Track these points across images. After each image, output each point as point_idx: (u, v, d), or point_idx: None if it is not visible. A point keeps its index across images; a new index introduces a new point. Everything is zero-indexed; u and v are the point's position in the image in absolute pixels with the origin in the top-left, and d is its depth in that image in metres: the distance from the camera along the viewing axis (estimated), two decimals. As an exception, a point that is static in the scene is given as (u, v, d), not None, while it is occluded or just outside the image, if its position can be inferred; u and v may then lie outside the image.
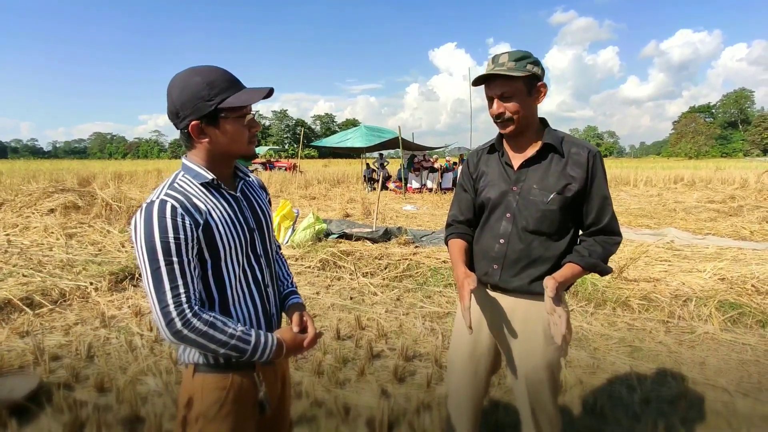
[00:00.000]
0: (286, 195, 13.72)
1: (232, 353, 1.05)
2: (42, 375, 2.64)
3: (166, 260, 0.98)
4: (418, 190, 15.61)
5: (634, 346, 3.17)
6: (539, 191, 1.44)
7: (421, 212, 10.59)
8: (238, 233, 1.11)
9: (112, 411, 2.31)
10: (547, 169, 1.45)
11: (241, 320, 1.14)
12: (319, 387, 2.59)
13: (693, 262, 4.98)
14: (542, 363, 1.48)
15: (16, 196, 9.44)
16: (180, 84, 1.05)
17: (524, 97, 1.40)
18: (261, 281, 1.19)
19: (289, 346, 1.15)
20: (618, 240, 1.47)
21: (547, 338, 1.47)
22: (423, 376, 2.70)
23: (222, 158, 1.12)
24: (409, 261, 5.08)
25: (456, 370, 1.65)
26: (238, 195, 1.18)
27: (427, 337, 3.31)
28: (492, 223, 1.53)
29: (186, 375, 1.13)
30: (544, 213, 1.43)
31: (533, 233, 1.46)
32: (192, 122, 1.05)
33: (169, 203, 1.00)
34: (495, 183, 1.52)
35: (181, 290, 0.99)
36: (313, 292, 4.34)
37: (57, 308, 3.76)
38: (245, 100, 1.05)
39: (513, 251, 1.48)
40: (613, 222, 1.46)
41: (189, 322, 0.99)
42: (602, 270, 1.44)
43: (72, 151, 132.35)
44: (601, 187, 1.43)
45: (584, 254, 1.43)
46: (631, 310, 3.73)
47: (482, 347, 1.59)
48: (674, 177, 17.58)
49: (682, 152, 71.51)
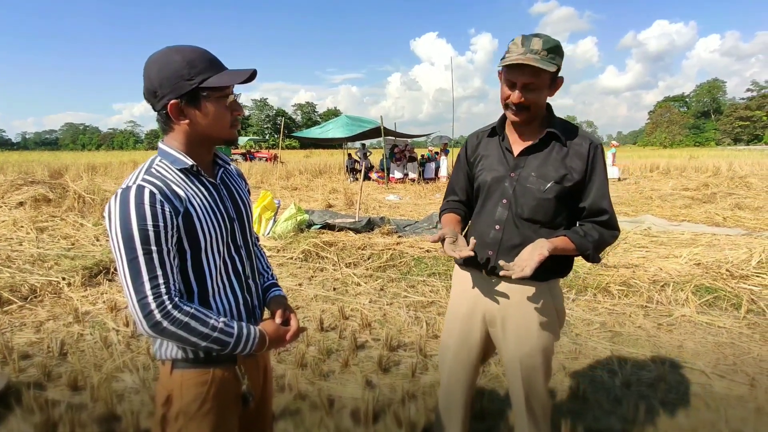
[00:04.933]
0: (267, 186, 13.53)
1: (213, 346, 1.00)
2: (11, 374, 2.52)
3: (144, 249, 0.92)
4: (400, 180, 15.58)
5: (614, 331, 3.22)
6: (536, 179, 1.41)
7: (404, 202, 10.58)
8: (218, 222, 1.06)
9: (87, 410, 2.22)
10: (546, 158, 1.42)
11: (222, 312, 1.09)
12: (302, 379, 2.54)
13: (669, 248, 5.10)
14: (537, 347, 1.47)
15: (-19, 188, 9.03)
16: (159, 62, 0.98)
17: (545, 89, 1.36)
18: (242, 272, 1.14)
19: (272, 338, 1.11)
20: (616, 234, 1.44)
21: (542, 323, 1.46)
22: (408, 365, 2.69)
23: (202, 142, 1.05)
24: (392, 251, 5.05)
25: (449, 357, 1.63)
26: (218, 183, 1.12)
27: (412, 326, 3.30)
28: (488, 208, 1.50)
29: (164, 371, 1.08)
30: (539, 201, 1.40)
31: (528, 221, 1.43)
32: (171, 102, 0.98)
33: (147, 189, 0.94)
34: (493, 167, 1.49)
35: (160, 281, 0.94)
36: (295, 283, 4.28)
37: (27, 305, 3.61)
38: (227, 80, 0.99)
39: (508, 238, 1.45)
40: (612, 218, 1.42)
41: (169, 314, 0.94)
42: (592, 257, 1.41)
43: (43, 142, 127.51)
44: (600, 180, 1.40)
45: (581, 234, 1.40)
46: (611, 295, 3.80)
47: (475, 334, 1.57)
48: (650, 165, 18.00)
49: (657, 141, 73.01)
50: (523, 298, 1.47)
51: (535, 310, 1.46)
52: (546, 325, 1.47)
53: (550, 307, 1.48)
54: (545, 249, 1.30)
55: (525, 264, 1.29)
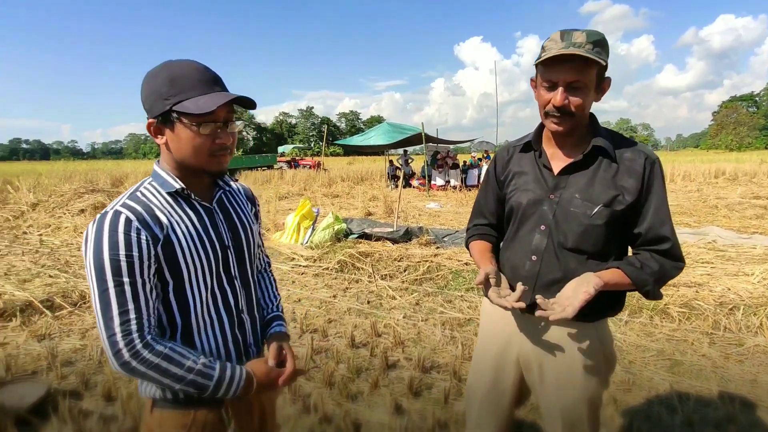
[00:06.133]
0: (310, 193, 13.73)
1: (189, 389, 0.92)
2: (53, 381, 2.61)
3: (116, 281, 0.86)
4: (442, 187, 15.34)
5: (674, 359, 2.90)
6: (582, 202, 1.20)
7: (445, 210, 10.35)
8: (206, 251, 0.98)
9: (117, 422, 2.25)
10: (593, 176, 1.21)
11: (207, 351, 1.00)
12: (329, 400, 2.45)
13: (739, 265, 4.59)
14: (582, 397, 1.25)
15: (50, 196, 9.78)
16: (148, 77, 0.93)
17: (592, 91, 1.16)
18: (233, 306, 1.05)
19: (261, 381, 1.01)
20: (681, 266, 1.20)
21: (587, 371, 1.25)
22: (440, 390, 2.53)
23: (185, 166, 0.97)
24: (429, 263, 4.90)
25: (476, 402, 1.44)
26: (213, 207, 1.04)
27: (447, 346, 3.13)
28: (523, 235, 1.30)
29: (146, 409, 1.02)
30: (586, 228, 1.19)
31: (572, 251, 1.22)
32: (148, 120, 0.93)
33: (123, 215, 0.88)
34: (528, 188, 1.28)
35: (131, 316, 0.87)
36: (330, 295, 4.22)
37: (76, 310, 3.78)
38: (202, 106, 0.88)
39: (547, 271, 1.24)
40: (675, 246, 1.19)
41: (138, 354, 0.87)
42: (652, 293, 1.18)
43: (109, 151, 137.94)
44: (658, 201, 1.18)
45: (637, 265, 1.17)
46: (670, 318, 3.44)
47: (508, 378, 1.37)
48: (715, 171, 16.61)
49: (722, 144, 67.83)
50: (564, 341, 1.26)
51: (579, 356, 1.25)
52: (592, 373, 1.25)
53: (597, 351, 1.26)
54: (592, 286, 1.10)
55: (567, 303, 1.09)
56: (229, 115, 0.95)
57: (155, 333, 0.91)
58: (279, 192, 13.40)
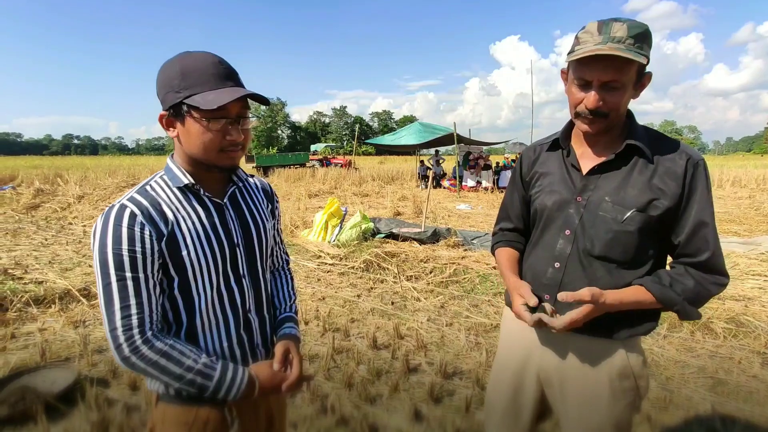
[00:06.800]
0: (340, 192, 13.82)
1: (188, 388, 0.90)
2: (84, 368, 2.71)
3: (118, 276, 0.85)
4: (473, 188, 15.08)
5: (717, 378, 2.68)
6: (613, 206, 1.09)
7: (475, 212, 10.16)
8: (212, 249, 0.95)
9: (140, 412, 2.29)
10: (626, 178, 1.09)
11: (211, 351, 0.97)
12: (347, 402, 2.42)
13: (795, 279, 4.24)
14: (608, 423, 1.14)
15: (94, 189, 10.28)
16: (163, 68, 0.92)
17: (630, 89, 1.05)
18: (240, 306, 1.01)
19: (264, 385, 0.97)
20: (723, 281, 1.07)
21: (614, 393, 1.13)
22: (462, 397, 2.44)
23: (195, 161, 0.95)
24: (456, 265, 4.79)
25: (495, 419, 1.35)
26: (225, 203, 1.01)
27: (471, 352, 3.03)
28: (547, 239, 1.20)
29: (152, 402, 1.01)
30: (616, 235, 1.08)
31: (599, 259, 1.11)
32: (161, 112, 0.91)
33: (129, 209, 0.87)
34: (554, 189, 1.19)
35: (132, 311, 0.86)
36: (354, 294, 4.19)
37: (111, 300, 3.92)
38: (212, 101, 0.85)
39: (571, 279, 1.14)
40: (717, 258, 1.06)
41: (137, 350, 0.85)
42: (685, 313, 1.06)
43: (152, 147, 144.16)
44: (701, 208, 1.05)
45: (665, 282, 1.06)
46: (714, 334, 3.20)
47: (528, 394, 1.28)
48: (770, 177, 15.55)
49: (779, 148, 63.62)
50: (588, 359, 1.15)
51: (604, 376, 1.14)
52: (620, 395, 1.14)
53: (627, 372, 1.14)
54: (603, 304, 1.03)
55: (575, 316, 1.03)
56: (242, 111, 0.92)
57: (157, 329, 0.89)
58: (310, 190, 13.56)
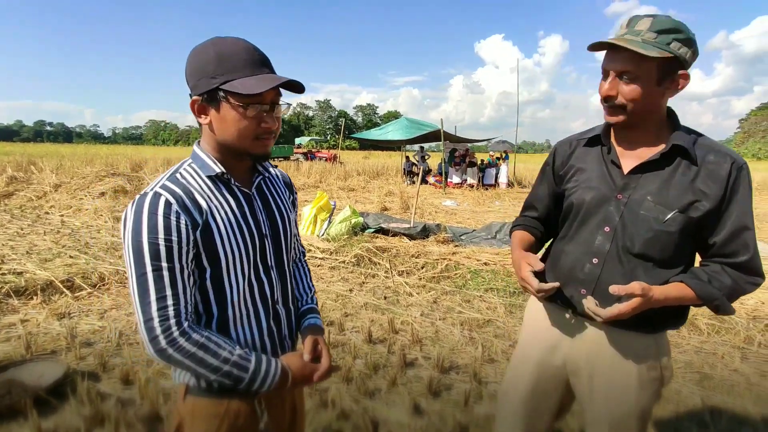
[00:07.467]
0: (325, 186, 13.73)
1: (224, 380, 0.88)
2: (71, 362, 2.62)
3: (154, 266, 0.82)
4: (458, 185, 15.19)
5: (703, 372, 2.78)
6: (655, 206, 1.10)
7: (461, 208, 10.24)
8: (245, 239, 0.93)
9: (134, 407, 2.24)
10: (669, 179, 1.10)
11: (243, 342, 0.96)
12: (347, 396, 2.41)
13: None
14: (634, 412, 1.18)
15: (72, 178, 9.94)
16: (194, 53, 0.88)
17: (651, 84, 1.05)
18: (269, 297, 1.00)
19: (296, 376, 0.96)
20: (759, 282, 1.09)
21: (642, 384, 1.18)
22: (460, 391, 2.47)
23: (228, 148, 0.92)
24: (447, 261, 4.82)
25: (510, 410, 1.36)
26: (253, 192, 0.99)
27: (466, 346, 3.06)
28: (583, 235, 1.22)
29: (178, 395, 0.98)
30: (657, 234, 1.10)
31: (638, 257, 1.13)
32: (193, 98, 0.88)
33: (164, 197, 0.84)
34: (592, 185, 1.20)
35: (168, 302, 0.83)
36: (346, 289, 4.18)
37: (95, 292, 3.81)
38: (251, 87, 0.84)
39: (609, 276, 1.15)
40: (756, 260, 1.09)
41: (175, 342, 0.83)
42: (722, 308, 1.09)
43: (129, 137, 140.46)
44: (742, 212, 1.07)
45: (702, 278, 1.09)
46: (698, 330, 3.31)
47: (549, 381, 1.31)
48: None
49: (749, 152, 65.87)
50: (621, 351, 1.19)
51: (635, 368, 1.18)
52: (647, 386, 1.18)
53: (655, 364, 1.19)
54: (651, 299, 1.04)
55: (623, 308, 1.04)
56: (276, 98, 0.90)
57: (192, 320, 0.87)
58: (295, 183, 13.42)
